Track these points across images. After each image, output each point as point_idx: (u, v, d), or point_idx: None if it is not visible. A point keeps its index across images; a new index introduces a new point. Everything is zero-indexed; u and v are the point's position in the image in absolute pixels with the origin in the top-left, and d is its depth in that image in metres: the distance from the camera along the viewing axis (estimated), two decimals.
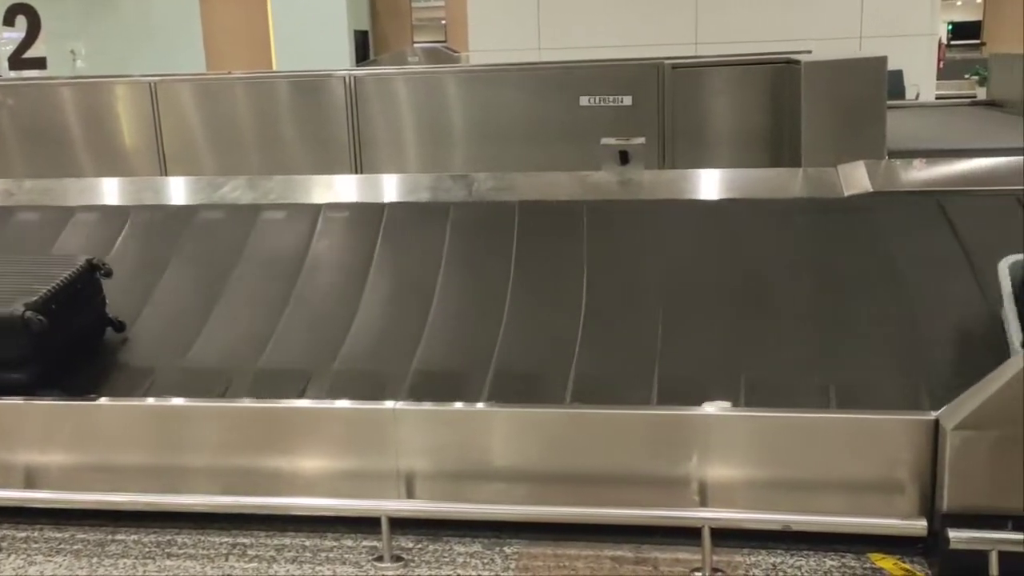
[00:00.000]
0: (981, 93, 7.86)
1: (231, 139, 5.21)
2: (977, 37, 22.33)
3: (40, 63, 11.28)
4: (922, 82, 8.07)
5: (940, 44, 9.42)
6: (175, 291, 3.25)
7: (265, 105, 5.18)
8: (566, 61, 5.06)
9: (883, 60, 3.89)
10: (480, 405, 2.60)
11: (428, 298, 3.07)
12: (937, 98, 8.20)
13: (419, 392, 2.70)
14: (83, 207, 3.66)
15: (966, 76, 10.50)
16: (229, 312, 3.12)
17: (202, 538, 2.59)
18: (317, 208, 3.50)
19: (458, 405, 2.60)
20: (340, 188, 3.67)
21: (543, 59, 7.67)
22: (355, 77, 4.90)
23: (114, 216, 3.61)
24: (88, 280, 2.99)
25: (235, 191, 3.73)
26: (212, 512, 2.62)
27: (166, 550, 2.55)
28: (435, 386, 2.73)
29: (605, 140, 3.65)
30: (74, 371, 2.89)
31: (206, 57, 12.87)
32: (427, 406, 2.60)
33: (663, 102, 4.38)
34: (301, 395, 2.75)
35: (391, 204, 3.50)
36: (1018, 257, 2.58)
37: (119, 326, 3.07)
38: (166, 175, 4.93)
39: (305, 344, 2.97)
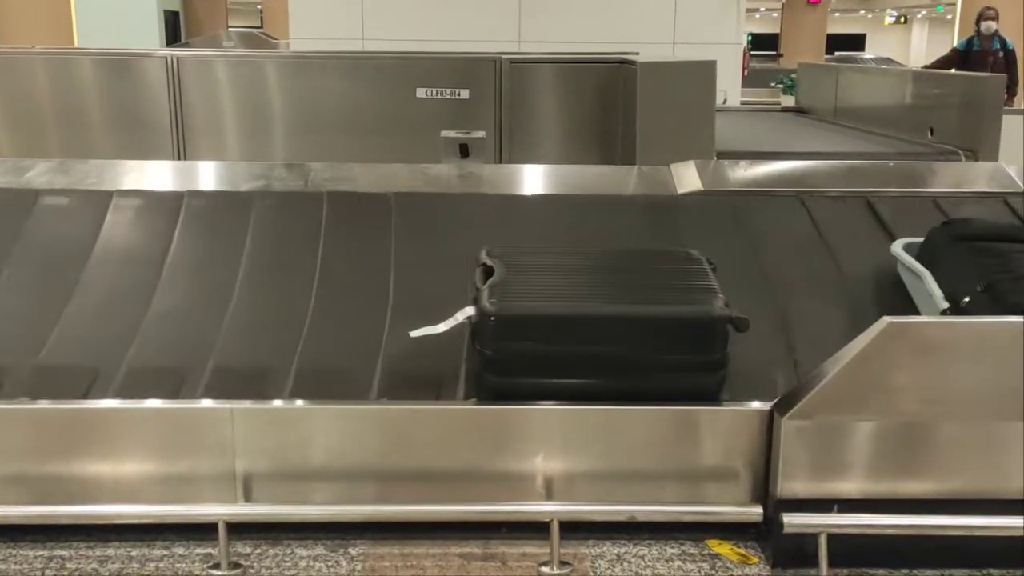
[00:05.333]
0: (785, 101, 8.39)
1: (34, 120, 4.83)
2: (775, 48, 23.88)
3: None
4: (728, 88, 8.54)
5: (744, 53, 9.99)
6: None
7: (74, 84, 4.83)
8: (404, 52, 5.00)
9: (712, 64, 4.07)
10: (320, 403, 2.51)
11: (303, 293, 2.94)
12: (742, 104, 8.68)
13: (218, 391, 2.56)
14: None
15: (772, 84, 11.18)
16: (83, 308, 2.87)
17: (13, 552, 2.38)
18: (174, 196, 3.27)
19: (299, 403, 2.51)
20: (177, 175, 3.46)
21: (367, 49, 7.56)
22: (178, 58, 4.65)
23: None
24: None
25: (44, 175, 3.45)
26: (25, 524, 2.40)
27: None
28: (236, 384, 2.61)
29: (445, 133, 3.62)
30: None
31: None
32: (265, 405, 2.49)
33: (500, 96, 4.40)
34: (85, 395, 2.55)
35: (242, 193, 3.33)
36: (906, 240, 2.92)
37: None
38: None
39: (173, 339, 2.78)
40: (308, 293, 2.93)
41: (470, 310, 2.48)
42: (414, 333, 2.54)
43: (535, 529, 2.42)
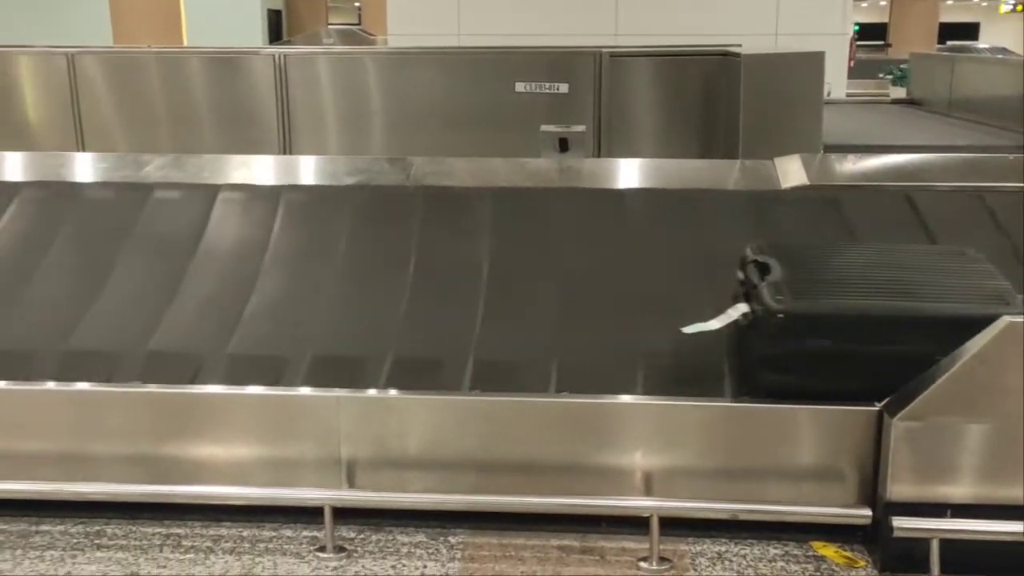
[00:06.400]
0: (895, 92, 8.12)
1: (149, 115, 5.02)
2: (883, 38, 23.12)
3: None
4: (833, 81, 8.31)
5: (851, 43, 9.70)
6: (112, 274, 3.09)
7: (186, 81, 5.00)
8: (503, 46, 5.02)
9: (820, 55, 3.97)
10: (425, 393, 2.56)
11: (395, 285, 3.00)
12: (848, 96, 8.45)
13: (364, 381, 2.63)
14: (13, 183, 3.47)
15: (880, 76, 10.84)
16: (190, 296, 2.99)
17: (133, 528, 2.49)
18: (277, 190, 3.37)
19: (404, 393, 2.55)
20: (280, 169, 3.55)
21: (463, 44, 7.62)
22: (285, 55, 4.77)
23: (42, 193, 3.42)
24: None
25: (161, 169, 3.58)
26: (144, 501, 2.51)
27: (95, 541, 2.44)
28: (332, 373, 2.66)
29: (545, 127, 3.62)
30: None
31: (113, 30, 12.39)
32: (372, 394, 2.54)
33: (599, 90, 4.38)
34: (191, 381, 2.63)
35: (334, 187, 3.40)
36: None
37: None
38: (84, 151, 4.71)
39: (273, 329, 2.86)
40: (403, 285, 2.97)
41: (744, 307, 2.43)
42: (687, 329, 2.51)
43: (634, 524, 2.42)
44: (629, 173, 3.42)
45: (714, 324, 2.49)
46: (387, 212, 3.30)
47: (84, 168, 3.59)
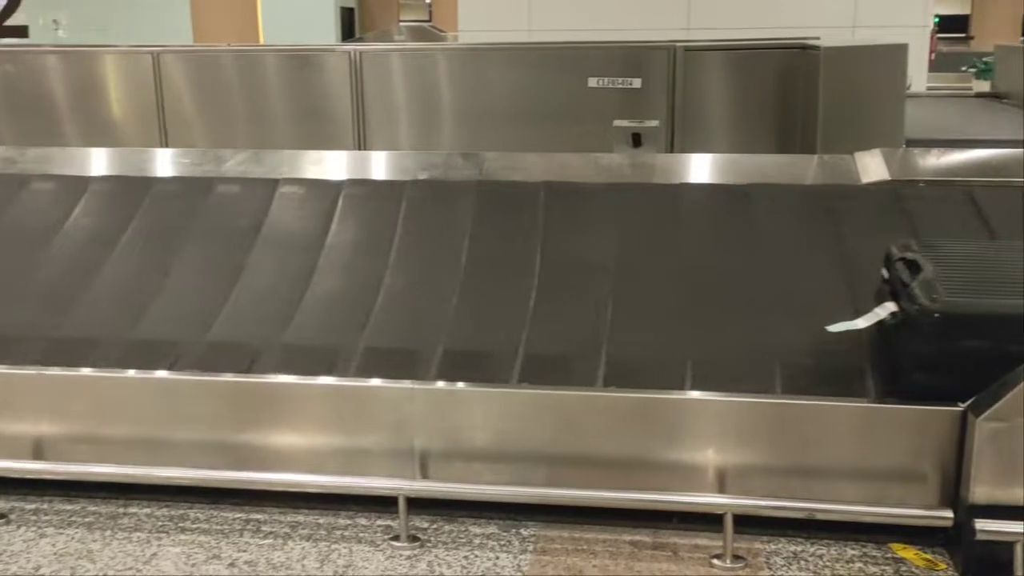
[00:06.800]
0: (978, 86, 7.87)
1: (229, 112, 5.12)
2: (964, 31, 22.44)
3: (22, 31, 11.07)
4: (914, 74, 8.08)
5: (932, 36, 9.42)
6: (192, 266, 3.18)
7: (263, 78, 5.09)
8: (574, 41, 5.01)
9: (903, 47, 3.88)
10: (499, 386, 2.58)
11: (454, 277, 3.03)
12: (928, 90, 8.21)
13: (445, 372, 2.66)
14: (98, 177, 3.58)
15: (963, 69, 10.50)
16: (251, 287, 3.07)
17: (215, 513, 2.56)
18: (337, 185, 3.43)
19: (477, 386, 2.57)
20: (354, 164, 3.61)
21: (533, 40, 7.61)
22: (360, 52, 4.83)
23: (131, 187, 3.53)
24: None
25: (240, 164, 3.67)
26: (226, 487, 2.58)
27: (179, 524, 2.51)
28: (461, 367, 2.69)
29: (618, 122, 3.61)
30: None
31: (193, 30, 12.68)
32: (445, 386, 2.57)
33: (673, 85, 4.34)
34: (329, 372, 2.68)
35: (408, 182, 3.44)
36: None
37: None
38: (167, 147, 4.84)
39: (327, 321, 2.92)
40: (456, 278, 3.00)
41: (892, 306, 2.39)
42: (833, 328, 2.49)
43: (707, 521, 2.41)
44: (703, 168, 3.39)
45: (860, 323, 2.44)
46: (461, 206, 3.33)
47: (166, 163, 3.70)
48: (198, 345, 2.82)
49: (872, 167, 3.19)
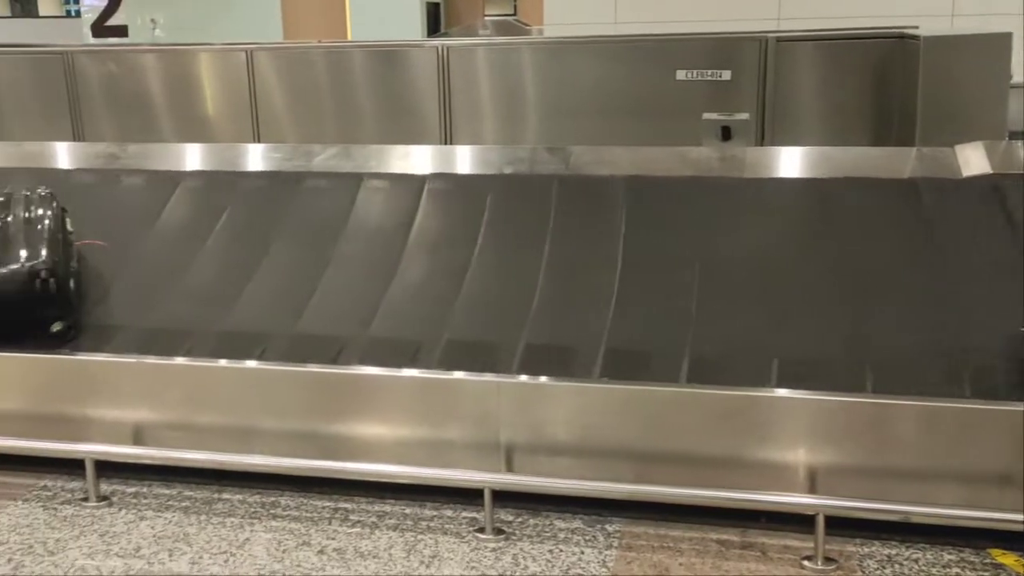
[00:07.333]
0: None
1: (319, 107, 5.21)
2: None
3: (121, 31, 11.46)
4: (1016, 64, 7.76)
5: None
6: (282, 258, 3.25)
7: (353, 74, 5.17)
8: (662, 34, 4.96)
9: (1008, 36, 3.72)
10: (585, 381, 2.57)
11: (537, 270, 3.03)
12: None
13: (527, 366, 2.66)
14: (190, 172, 3.69)
15: None
16: (337, 280, 3.12)
17: (305, 501, 2.62)
18: (421, 179, 3.47)
19: (562, 380, 2.57)
20: (440, 159, 3.64)
21: (619, 33, 7.55)
22: (448, 47, 4.87)
23: (223, 182, 3.63)
24: None
25: (331, 159, 3.73)
26: (316, 476, 2.63)
27: (271, 511, 2.57)
28: (542, 361, 2.69)
29: (707, 115, 3.55)
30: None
31: (283, 27, 12.95)
32: (530, 380, 2.57)
33: (764, 76, 4.25)
34: (413, 364, 2.73)
35: (493, 176, 3.46)
36: None
37: None
38: (259, 142, 4.95)
39: (411, 313, 2.96)
40: (536, 274, 3.00)
41: None
42: None
43: (796, 521, 2.37)
44: (795, 161, 3.32)
45: None
46: (545, 200, 3.32)
47: (258, 158, 3.78)
48: (286, 336, 2.89)
49: (973, 160, 3.08)
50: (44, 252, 2.87)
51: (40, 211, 3.08)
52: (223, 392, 2.71)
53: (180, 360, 2.77)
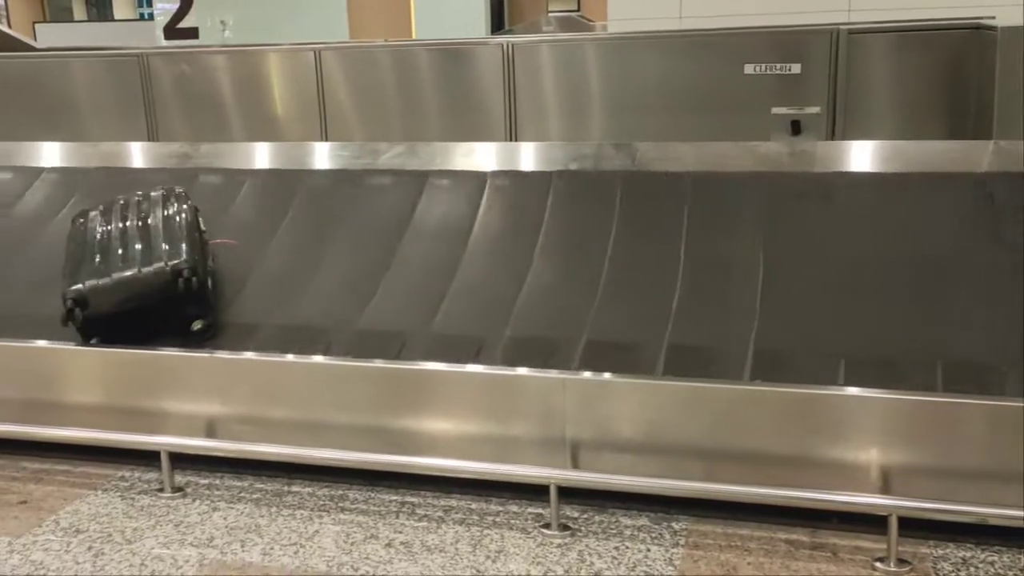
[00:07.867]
0: None
1: (385, 105, 5.26)
2: None
3: (192, 33, 11.74)
4: None
5: None
6: (347, 254, 3.30)
7: (418, 72, 5.21)
8: (728, 28, 4.89)
9: None
10: (650, 378, 2.56)
11: (600, 267, 3.03)
12: None
13: (589, 362, 2.66)
14: (256, 171, 3.77)
15: None
16: (402, 277, 3.16)
17: (372, 495, 2.65)
18: (484, 176, 3.49)
19: (627, 377, 2.56)
20: (504, 155, 3.65)
21: (685, 27, 7.47)
22: (513, 44, 4.88)
23: (289, 180, 3.69)
24: None
25: (397, 157, 3.77)
26: (383, 470, 2.67)
27: (339, 504, 2.61)
28: (604, 358, 2.69)
29: (776, 109, 3.50)
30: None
31: (349, 26, 13.10)
32: (594, 376, 2.57)
33: (835, 70, 4.17)
34: (475, 360, 2.75)
35: (556, 172, 3.46)
36: None
37: None
38: (327, 140, 5.03)
39: (473, 309, 2.98)
40: (599, 271, 2.99)
41: None
42: None
43: (868, 522, 2.33)
44: (867, 156, 3.25)
45: None
46: (609, 196, 3.31)
47: (325, 156, 3.84)
48: (349, 332, 2.93)
49: None
50: (185, 251, 2.91)
51: (177, 210, 3.13)
52: (293, 387, 2.76)
53: (250, 355, 2.82)
